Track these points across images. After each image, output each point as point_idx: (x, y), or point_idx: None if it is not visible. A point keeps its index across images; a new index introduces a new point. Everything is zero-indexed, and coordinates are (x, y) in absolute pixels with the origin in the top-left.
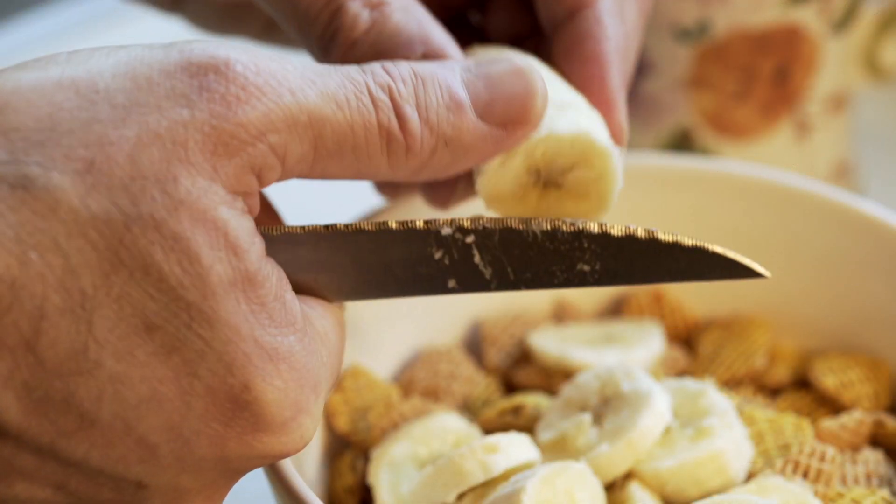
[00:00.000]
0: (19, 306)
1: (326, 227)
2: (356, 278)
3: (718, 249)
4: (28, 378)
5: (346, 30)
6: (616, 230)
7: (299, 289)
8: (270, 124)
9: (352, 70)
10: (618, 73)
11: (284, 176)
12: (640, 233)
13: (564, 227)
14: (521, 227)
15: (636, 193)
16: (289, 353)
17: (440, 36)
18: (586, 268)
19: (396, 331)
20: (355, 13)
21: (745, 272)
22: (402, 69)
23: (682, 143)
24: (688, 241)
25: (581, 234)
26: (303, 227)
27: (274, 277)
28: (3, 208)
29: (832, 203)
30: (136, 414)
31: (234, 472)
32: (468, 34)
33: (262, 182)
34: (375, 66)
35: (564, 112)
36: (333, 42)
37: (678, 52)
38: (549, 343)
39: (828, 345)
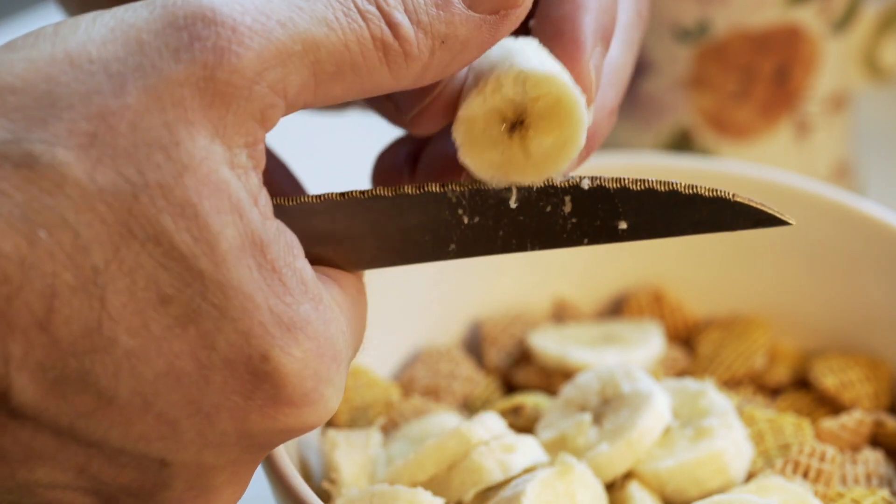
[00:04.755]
0: (30, 286)
1: (342, 194)
2: (375, 246)
3: (740, 198)
4: (43, 358)
5: None
6: (635, 185)
7: (316, 260)
8: (265, 62)
9: None
10: (594, 19)
11: (289, 110)
12: (659, 186)
13: (584, 185)
14: (540, 185)
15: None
16: (305, 322)
17: None
18: (609, 224)
19: (396, 331)
20: None
21: (768, 220)
22: None
23: (682, 143)
24: (707, 192)
25: (600, 191)
26: (318, 196)
27: (283, 241)
28: (8, 187)
29: (832, 203)
30: (153, 389)
31: (258, 448)
32: None
33: (267, 124)
34: None
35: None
36: None
37: (678, 52)
38: (549, 343)
39: (828, 345)
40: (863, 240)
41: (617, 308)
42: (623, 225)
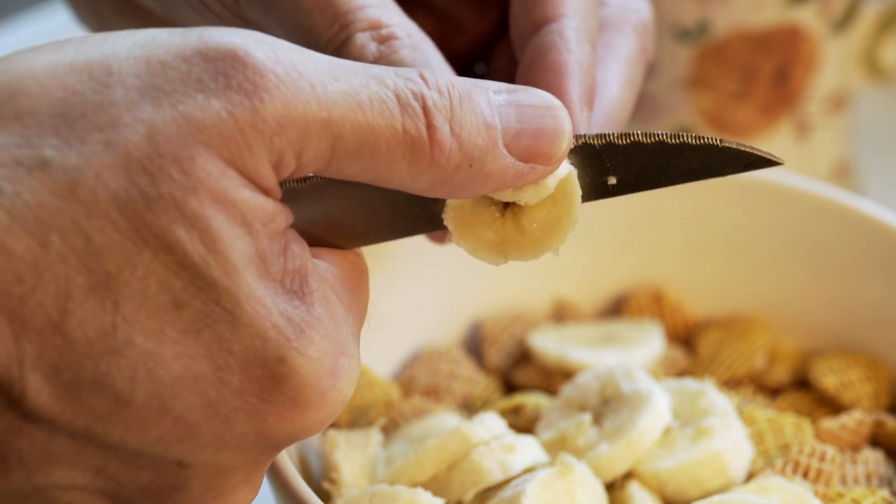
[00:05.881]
0: (43, 288)
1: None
2: (365, 222)
3: (729, 143)
4: (57, 360)
5: (353, 59)
6: (620, 140)
7: (310, 240)
8: (289, 117)
9: (383, 71)
10: (578, 85)
11: (298, 172)
12: (645, 138)
13: (573, 143)
14: None
15: (636, 193)
16: (317, 322)
17: None
18: (598, 180)
19: (396, 330)
20: (362, 44)
21: (758, 162)
22: (440, 79)
23: None
24: (694, 140)
25: (586, 149)
26: (301, 179)
27: (293, 250)
28: (21, 189)
29: (832, 203)
30: (171, 392)
31: (275, 448)
32: None
33: (277, 176)
34: (411, 72)
35: None
36: None
37: (678, 52)
38: (549, 343)
39: (828, 345)
40: (863, 240)
41: (617, 308)
42: (612, 180)
